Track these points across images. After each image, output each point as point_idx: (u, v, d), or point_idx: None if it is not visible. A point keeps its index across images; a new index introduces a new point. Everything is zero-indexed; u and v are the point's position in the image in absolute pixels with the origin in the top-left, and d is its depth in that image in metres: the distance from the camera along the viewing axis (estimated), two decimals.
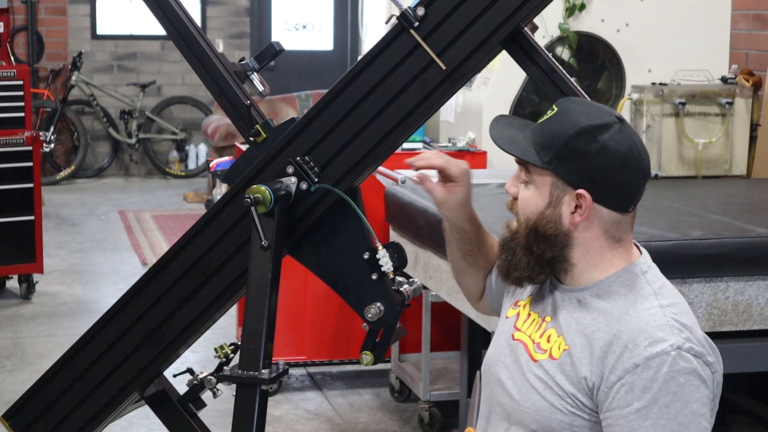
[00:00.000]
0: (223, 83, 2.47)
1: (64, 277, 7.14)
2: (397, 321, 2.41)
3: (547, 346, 2.07)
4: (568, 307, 2.08)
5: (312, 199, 2.37)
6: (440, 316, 4.80)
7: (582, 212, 2.03)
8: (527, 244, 2.08)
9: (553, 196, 2.04)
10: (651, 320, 1.99)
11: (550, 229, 2.05)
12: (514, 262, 2.10)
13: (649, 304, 2.02)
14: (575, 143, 2.01)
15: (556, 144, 2.02)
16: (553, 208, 2.05)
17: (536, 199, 2.06)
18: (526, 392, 2.07)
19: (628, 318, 2.00)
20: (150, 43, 11.36)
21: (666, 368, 1.93)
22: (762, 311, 3.56)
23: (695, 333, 2.00)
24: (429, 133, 5.79)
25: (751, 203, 4.47)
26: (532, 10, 2.22)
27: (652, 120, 5.53)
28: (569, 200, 2.04)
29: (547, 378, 2.05)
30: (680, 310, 2.04)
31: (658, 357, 1.94)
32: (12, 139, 6.35)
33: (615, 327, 2.00)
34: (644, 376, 1.94)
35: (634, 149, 2.03)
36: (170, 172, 11.20)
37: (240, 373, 2.33)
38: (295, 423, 4.76)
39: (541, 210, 2.06)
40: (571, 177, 2.02)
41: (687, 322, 2.01)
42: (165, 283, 2.53)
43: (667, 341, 1.95)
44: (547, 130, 2.05)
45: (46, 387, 2.67)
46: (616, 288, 2.06)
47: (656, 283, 2.07)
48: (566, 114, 2.05)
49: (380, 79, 2.31)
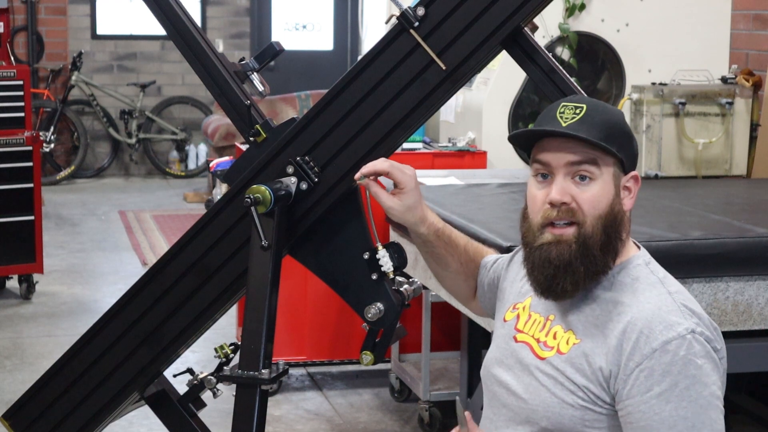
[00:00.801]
0: (223, 83, 2.47)
1: (64, 277, 7.14)
2: (397, 321, 2.40)
3: (554, 343, 2.07)
4: (574, 302, 2.08)
5: (314, 196, 2.37)
6: (440, 316, 4.80)
7: (632, 195, 2.10)
8: (607, 240, 2.05)
9: (617, 185, 2.07)
10: (663, 305, 2.00)
11: (620, 216, 2.07)
12: (588, 269, 2.04)
13: (657, 291, 2.04)
14: (626, 127, 2.10)
15: (616, 133, 2.06)
16: (617, 196, 2.07)
17: (605, 192, 2.06)
18: (535, 390, 2.06)
19: (639, 305, 2.01)
20: (150, 43, 11.36)
21: (683, 351, 1.95)
22: (762, 311, 3.56)
23: (704, 319, 2.03)
24: (429, 133, 5.79)
25: (751, 203, 4.47)
26: (531, 10, 2.22)
27: (652, 120, 5.53)
28: (624, 185, 2.08)
29: (556, 374, 2.04)
30: (687, 296, 2.07)
31: (675, 341, 1.95)
32: (12, 139, 6.35)
33: (627, 315, 2.01)
34: (663, 360, 1.95)
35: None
36: (170, 172, 11.19)
37: (240, 373, 2.33)
38: (295, 423, 4.76)
39: (611, 201, 2.06)
40: (628, 161, 2.08)
41: (695, 308, 2.04)
42: (165, 283, 2.53)
43: (681, 325, 1.97)
44: (597, 125, 2.04)
45: (46, 387, 2.67)
46: (621, 278, 2.07)
47: (660, 272, 2.10)
48: (598, 106, 2.08)
49: (380, 79, 2.31)
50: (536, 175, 2.09)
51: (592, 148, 2.04)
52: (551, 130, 2.05)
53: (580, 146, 2.04)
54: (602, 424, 2.02)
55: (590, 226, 2.04)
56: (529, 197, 2.11)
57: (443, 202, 4.12)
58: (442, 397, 4.67)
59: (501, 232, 3.54)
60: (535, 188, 2.09)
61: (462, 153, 5.21)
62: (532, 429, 2.07)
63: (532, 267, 2.08)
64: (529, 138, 2.11)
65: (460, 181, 4.74)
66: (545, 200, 2.06)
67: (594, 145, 2.03)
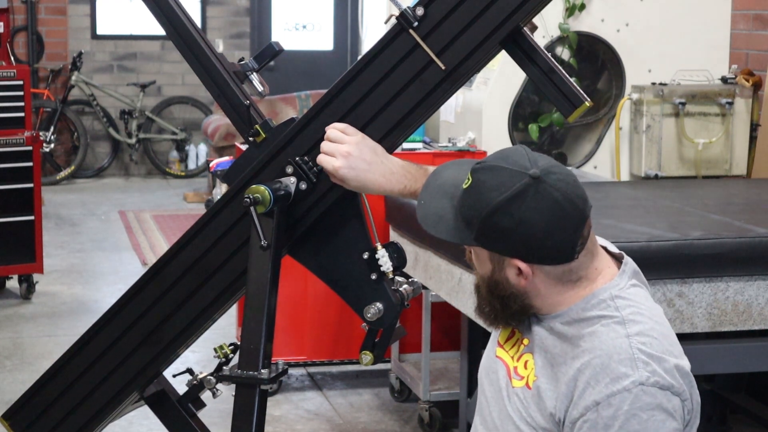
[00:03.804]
0: (222, 83, 2.47)
1: (64, 277, 7.14)
2: (397, 321, 2.40)
3: (525, 373, 2.06)
4: (541, 333, 2.07)
5: (313, 196, 2.37)
6: (440, 316, 4.80)
7: (525, 276, 2.02)
8: (491, 301, 2.09)
9: (494, 263, 2.04)
10: (614, 354, 1.93)
11: (503, 290, 2.05)
12: (491, 313, 2.12)
13: (615, 334, 1.96)
14: (492, 221, 1.97)
15: (475, 222, 1.99)
16: (498, 272, 2.05)
17: (482, 265, 2.07)
18: (505, 419, 2.07)
19: (593, 351, 1.95)
20: (150, 43, 11.36)
21: (627, 406, 1.90)
22: (762, 311, 3.56)
23: (663, 364, 1.94)
24: (429, 133, 5.79)
25: (751, 203, 4.47)
26: (531, 10, 2.22)
27: (652, 120, 5.53)
28: (509, 266, 2.02)
29: (522, 408, 2.04)
30: (649, 337, 1.96)
31: (619, 395, 1.90)
32: (12, 139, 6.35)
33: (579, 360, 1.96)
34: (605, 414, 1.90)
35: (556, 208, 1.95)
36: (170, 172, 11.20)
37: (239, 373, 2.33)
38: (295, 423, 4.76)
39: (489, 275, 2.06)
40: (501, 250, 2.00)
41: (656, 351, 1.94)
42: (164, 283, 2.53)
43: (629, 377, 1.91)
44: (466, 206, 2.02)
45: (45, 387, 2.67)
46: (583, 314, 2.02)
47: (627, 308, 2.00)
48: (479, 188, 1.99)
49: (379, 79, 2.30)
50: None
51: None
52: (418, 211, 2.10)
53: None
54: None
55: (480, 282, 2.11)
56: None
57: None
58: (442, 397, 4.68)
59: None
60: None
61: (462, 153, 5.21)
62: None
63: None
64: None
65: None
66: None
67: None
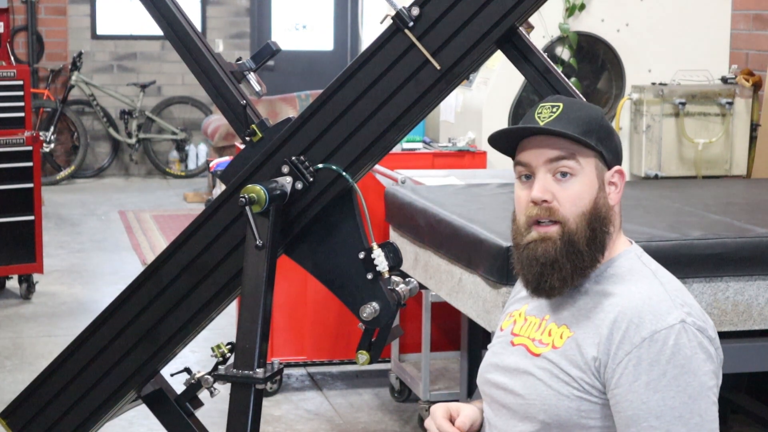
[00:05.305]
0: (219, 83, 2.47)
1: (64, 277, 7.14)
2: (393, 321, 2.41)
3: (549, 340, 2.08)
4: (567, 299, 2.10)
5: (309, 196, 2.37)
6: (440, 316, 4.79)
7: (618, 189, 2.10)
8: (593, 235, 2.06)
9: (600, 179, 2.07)
10: (654, 295, 2.01)
11: (605, 211, 2.07)
12: (575, 265, 2.05)
13: (648, 282, 2.05)
14: (605, 122, 2.09)
15: (594, 127, 2.06)
16: (601, 190, 2.07)
17: (588, 187, 2.06)
18: (532, 385, 2.07)
19: (630, 295, 2.02)
20: (150, 43, 11.36)
21: (672, 341, 1.95)
22: (762, 311, 3.55)
23: (695, 309, 2.03)
24: (429, 133, 5.79)
25: (751, 203, 4.46)
26: (526, 10, 2.22)
27: (652, 120, 5.53)
28: (608, 179, 2.08)
29: (551, 367, 2.05)
30: (679, 287, 2.07)
31: (664, 330, 1.96)
32: (12, 139, 6.35)
33: (618, 305, 2.02)
34: (652, 350, 1.95)
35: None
36: (170, 172, 11.19)
37: (235, 373, 2.34)
38: (295, 423, 4.75)
39: (595, 196, 2.07)
40: (610, 155, 2.08)
41: (686, 299, 2.05)
42: (161, 282, 2.53)
43: (671, 314, 1.98)
44: (576, 120, 2.05)
45: (43, 386, 2.67)
46: (612, 271, 2.09)
47: (652, 264, 2.12)
48: (575, 104, 2.09)
49: (375, 79, 2.31)
50: (519, 177, 2.11)
51: (570, 143, 2.05)
52: (525, 127, 2.07)
53: (558, 143, 2.05)
54: (597, 414, 2.02)
55: (574, 224, 2.05)
56: (515, 199, 2.13)
57: (443, 202, 4.11)
58: (442, 397, 4.67)
59: (501, 232, 3.54)
60: (519, 189, 2.11)
61: (462, 153, 5.21)
62: (531, 424, 2.07)
63: (521, 266, 2.11)
64: (508, 140, 2.12)
65: (460, 181, 4.74)
66: (528, 199, 2.07)
67: (571, 140, 2.04)
